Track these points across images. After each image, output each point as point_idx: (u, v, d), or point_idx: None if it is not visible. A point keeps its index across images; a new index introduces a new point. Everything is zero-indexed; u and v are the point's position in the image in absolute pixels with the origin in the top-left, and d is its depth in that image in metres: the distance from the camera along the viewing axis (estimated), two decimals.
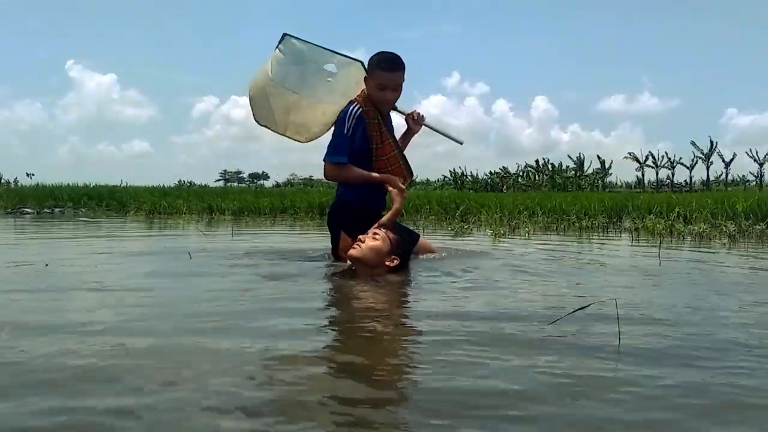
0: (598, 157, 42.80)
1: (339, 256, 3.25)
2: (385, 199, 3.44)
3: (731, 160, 44.34)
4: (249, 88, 3.37)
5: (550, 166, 41.13)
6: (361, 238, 2.82)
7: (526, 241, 5.25)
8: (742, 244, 5.02)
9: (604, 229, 7.00)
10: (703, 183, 43.63)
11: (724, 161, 44.54)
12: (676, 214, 7.24)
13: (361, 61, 3.27)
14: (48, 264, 3.20)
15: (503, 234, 5.96)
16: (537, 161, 40.50)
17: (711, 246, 4.79)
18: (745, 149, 59.50)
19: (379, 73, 3.12)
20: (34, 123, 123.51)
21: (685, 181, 45.00)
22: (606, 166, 42.62)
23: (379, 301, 2.38)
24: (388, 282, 2.69)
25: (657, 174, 46.07)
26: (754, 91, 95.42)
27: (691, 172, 44.66)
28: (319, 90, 3.24)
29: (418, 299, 2.41)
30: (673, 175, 45.53)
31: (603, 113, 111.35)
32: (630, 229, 6.49)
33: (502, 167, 41.33)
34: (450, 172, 43.09)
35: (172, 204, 11.35)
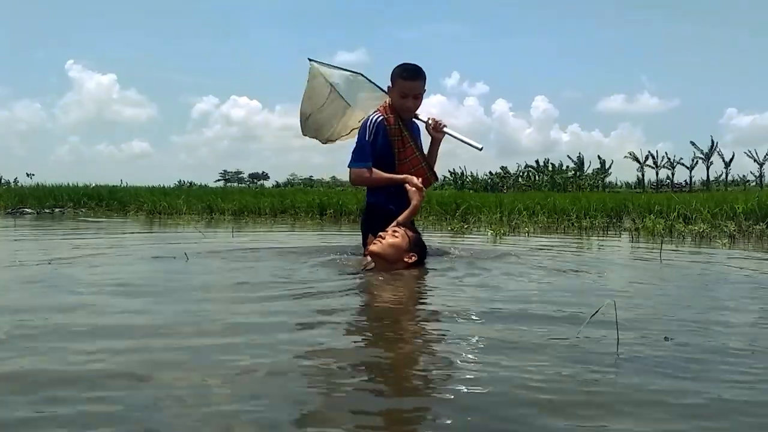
0: (599, 157, 42.83)
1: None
2: (401, 203, 3.49)
3: (731, 160, 44.40)
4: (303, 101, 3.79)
5: (550, 166, 41.17)
6: (381, 234, 2.97)
7: (526, 241, 5.25)
8: (742, 244, 5.02)
9: (605, 229, 7.01)
10: (703, 183, 43.66)
11: (724, 161, 44.61)
12: (676, 214, 7.25)
13: (360, 73, 3.66)
14: (50, 263, 3.20)
15: (503, 234, 5.96)
16: (537, 161, 40.56)
17: (711, 246, 4.79)
18: (745, 149, 59.53)
19: (401, 82, 3.31)
20: (34, 123, 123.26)
21: (685, 181, 45.05)
22: (606, 166, 42.61)
23: (396, 296, 2.45)
24: (406, 277, 2.80)
25: (657, 174, 46.13)
26: (753, 91, 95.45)
27: (691, 172, 44.73)
28: (335, 102, 3.73)
29: (434, 295, 2.48)
30: (673, 175, 45.58)
31: (603, 113, 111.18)
32: (630, 230, 6.49)
33: (501, 167, 41.39)
34: (450, 172, 43.12)
35: (172, 204, 11.36)
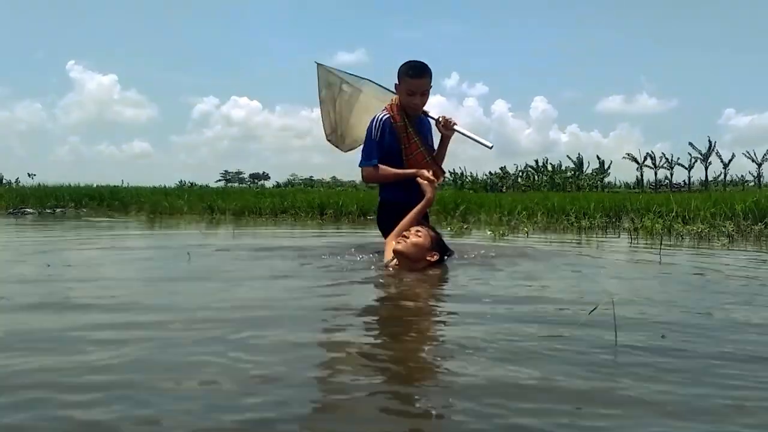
0: (597, 157, 42.77)
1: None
2: (414, 196, 3.55)
3: (730, 161, 44.37)
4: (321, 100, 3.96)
5: (549, 167, 41.13)
6: (404, 234, 3.06)
7: (526, 241, 5.28)
8: (741, 244, 5.05)
9: (603, 229, 7.04)
10: (701, 183, 43.64)
11: (722, 161, 44.58)
12: (674, 214, 7.27)
13: (368, 79, 3.79)
14: (50, 265, 3.23)
15: (503, 234, 5.99)
16: (536, 161, 40.52)
17: (710, 246, 4.82)
18: (743, 149, 59.49)
19: (407, 80, 3.37)
20: (35, 123, 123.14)
21: (683, 181, 45.02)
22: (605, 167, 42.57)
23: (413, 295, 2.51)
24: (429, 276, 2.88)
25: (656, 174, 46.09)
26: (752, 91, 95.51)
27: (689, 172, 44.69)
28: (345, 108, 3.86)
29: (451, 294, 2.54)
30: (671, 175, 45.55)
31: (602, 114, 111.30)
32: (629, 229, 6.51)
33: (501, 167, 41.34)
34: (449, 172, 43.03)
35: (173, 204, 11.37)
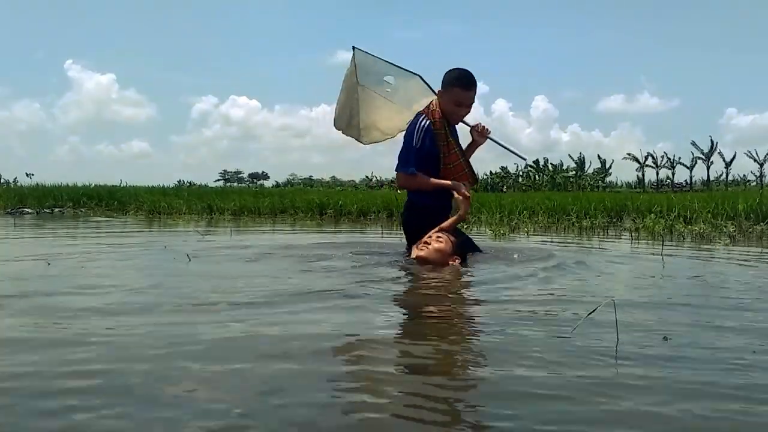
0: (599, 157, 42.79)
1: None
2: (452, 202, 3.55)
3: (731, 160, 44.38)
4: (339, 98, 3.72)
5: (550, 166, 41.13)
6: (426, 240, 3.10)
7: (527, 241, 5.24)
8: (743, 244, 5.01)
9: (605, 229, 7.00)
10: (703, 183, 43.64)
11: (724, 161, 44.58)
12: (676, 214, 7.24)
13: (419, 75, 3.55)
14: (50, 263, 3.19)
15: (503, 234, 5.95)
16: (537, 161, 40.49)
17: (712, 246, 4.78)
18: (745, 149, 59.49)
19: (457, 91, 3.31)
20: (33, 123, 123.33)
21: (685, 181, 45.03)
22: (606, 166, 42.59)
23: (430, 296, 2.49)
24: (451, 277, 2.89)
25: (657, 174, 46.11)
26: (754, 91, 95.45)
27: (691, 172, 44.69)
28: (377, 100, 3.60)
29: (470, 293, 2.55)
30: (673, 175, 45.55)
31: (603, 113, 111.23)
32: (630, 229, 6.48)
33: (501, 167, 41.33)
34: None
35: (171, 204, 11.35)
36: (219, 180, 72.94)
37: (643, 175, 45.42)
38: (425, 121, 3.33)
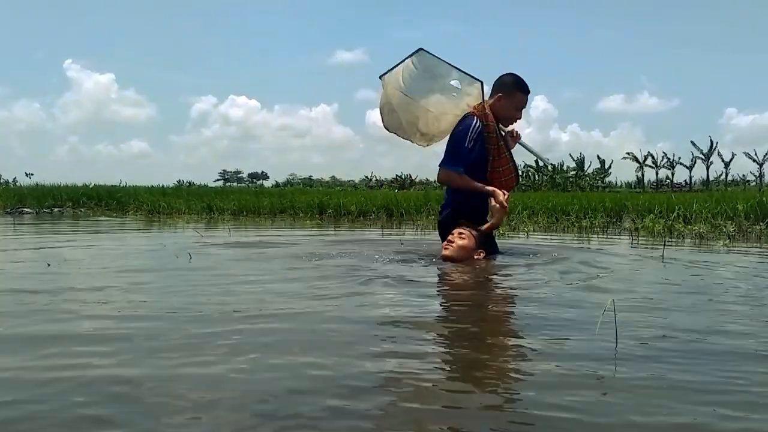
0: (598, 157, 42.74)
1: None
2: (487, 204, 3.50)
3: (731, 160, 44.36)
4: (380, 98, 3.62)
5: (549, 167, 41.07)
6: (450, 239, 3.20)
7: (527, 240, 5.24)
8: (743, 244, 5.01)
9: (604, 229, 7.00)
10: (702, 183, 43.64)
11: (723, 161, 44.57)
12: (676, 214, 7.23)
13: (481, 81, 3.55)
14: (50, 264, 3.19)
15: (502, 234, 5.95)
16: (536, 161, 40.42)
17: (712, 246, 4.78)
18: (744, 149, 59.50)
19: (520, 96, 3.40)
20: (33, 123, 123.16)
21: (684, 181, 45.01)
22: (606, 166, 42.60)
23: (447, 297, 2.48)
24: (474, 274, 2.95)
25: (657, 174, 46.08)
26: (753, 91, 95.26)
27: (690, 172, 44.68)
28: (445, 104, 3.51)
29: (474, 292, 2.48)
30: (672, 175, 45.53)
31: (602, 113, 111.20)
32: (630, 229, 6.48)
33: None
34: None
35: (171, 204, 11.34)
36: (218, 180, 72.86)
37: (642, 175, 45.40)
38: (479, 124, 3.32)
